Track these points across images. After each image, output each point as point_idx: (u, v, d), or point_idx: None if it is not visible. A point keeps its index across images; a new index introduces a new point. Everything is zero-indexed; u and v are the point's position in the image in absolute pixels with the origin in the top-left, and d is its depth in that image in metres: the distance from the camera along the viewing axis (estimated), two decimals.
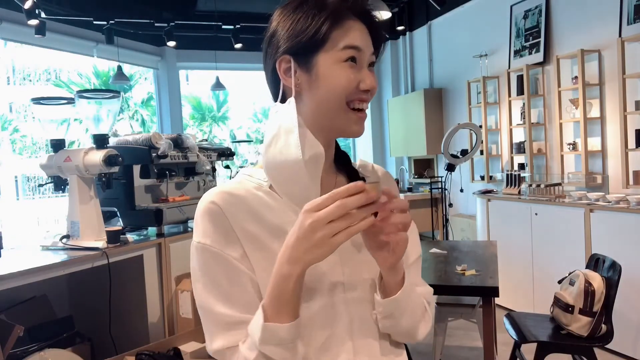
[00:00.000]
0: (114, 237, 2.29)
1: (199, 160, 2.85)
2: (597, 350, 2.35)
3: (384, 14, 4.31)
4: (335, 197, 0.66)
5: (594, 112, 3.73)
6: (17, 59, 15.84)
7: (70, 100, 2.39)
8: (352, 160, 0.92)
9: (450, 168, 4.13)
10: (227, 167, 3.40)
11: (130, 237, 2.45)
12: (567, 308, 2.37)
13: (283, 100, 0.80)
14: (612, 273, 2.37)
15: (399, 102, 6.40)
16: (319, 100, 0.79)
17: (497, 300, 3.48)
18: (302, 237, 0.67)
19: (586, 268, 2.60)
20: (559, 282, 2.57)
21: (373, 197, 0.67)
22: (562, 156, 4.01)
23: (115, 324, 2.31)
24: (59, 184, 2.40)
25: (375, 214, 0.70)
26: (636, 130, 3.34)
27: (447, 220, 4.50)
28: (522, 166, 4.47)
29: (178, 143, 2.77)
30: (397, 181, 6.48)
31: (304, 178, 0.76)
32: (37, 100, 2.34)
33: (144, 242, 2.48)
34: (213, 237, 0.77)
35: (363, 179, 0.85)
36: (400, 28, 6.18)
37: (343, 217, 0.65)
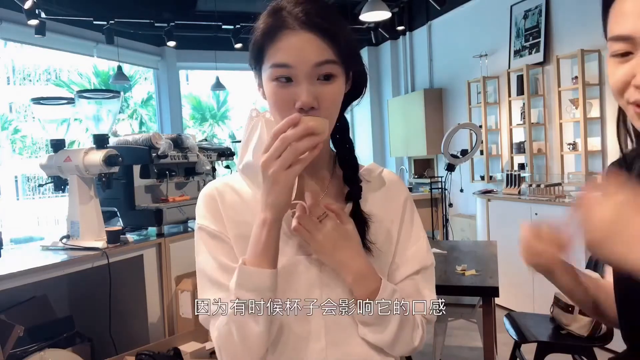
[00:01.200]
0: (114, 237, 2.29)
1: (199, 160, 2.85)
2: (597, 350, 2.35)
3: (382, 15, 4.31)
4: (275, 136, 0.70)
5: (594, 112, 3.73)
6: (17, 59, 15.83)
7: (70, 100, 2.39)
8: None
9: (450, 168, 4.13)
10: (227, 167, 3.40)
11: (130, 237, 2.45)
12: (567, 308, 2.36)
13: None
14: None
15: (399, 102, 6.40)
16: (273, 115, 0.80)
17: (497, 300, 3.47)
18: (262, 182, 0.73)
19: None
20: None
21: (311, 127, 0.69)
22: (562, 156, 4.01)
23: (115, 324, 2.31)
24: (59, 184, 2.40)
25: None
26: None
27: (447, 220, 4.50)
28: (522, 166, 4.47)
29: (178, 143, 2.77)
30: None
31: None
32: (37, 100, 2.34)
33: (144, 242, 2.48)
34: (209, 219, 0.83)
35: (359, 185, 0.85)
36: (400, 28, 6.18)
37: (289, 150, 0.69)
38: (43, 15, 4.66)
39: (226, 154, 3.15)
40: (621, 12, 0.65)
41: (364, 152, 7.06)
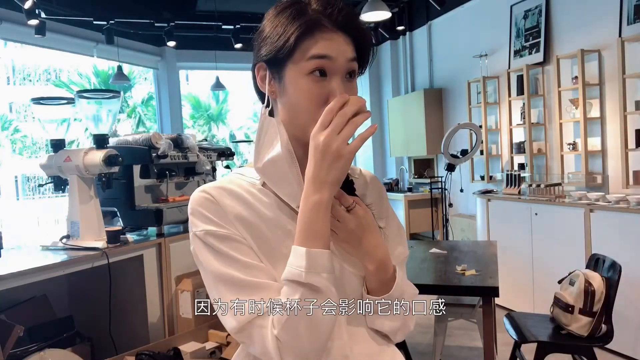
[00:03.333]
0: (114, 237, 2.29)
1: (199, 160, 2.85)
2: (597, 350, 2.35)
3: (382, 15, 4.31)
4: (332, 112, 0.71)
5: (594, 112, 3.73)
6: (17, 59, 15.83)
7: (70, 100, 2.39)
8: None
9: (450, 168, 4.13)
10: (227, 167, 3.40)
11: (130, 237, 2.45)
12: (567, 308, 2.37)
13: (268, 103, 0.82)
14: (612, 273, 2.37)
15: (399, 102, 6.40)
16: (290, 112, 0.79)
17: (497, 300, 3.47)
18: (320, 158, 0.71)
19: (586, 268, 2.59)
20: (559, 282, 2.57)
21: (364, 102, 0.73)
22: (562, 156, 4.01)
23: (115, 324, 2.31)
24: (59, 184, 2.40)
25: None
26: (636, 130, 3.34)
27: (447, 220, 4.49)
28: (522, 166, 4.47)
29: (178, 143, 2.77)
30: (396, 182, 6.48)
31: (290, 177, 0.80)
32: (37, 100, 2.34)
33: (144, 242, 2.48)
34: (215, 223, 0.77)
35: (352, 182, 0.86)
36: (400, 28, 6.18)
37: (350, 125, 0.70)
38: (43, 15, 4.66)
39: (226, 154, 3.15)
40: None
41: (364, 152, 7.06)
